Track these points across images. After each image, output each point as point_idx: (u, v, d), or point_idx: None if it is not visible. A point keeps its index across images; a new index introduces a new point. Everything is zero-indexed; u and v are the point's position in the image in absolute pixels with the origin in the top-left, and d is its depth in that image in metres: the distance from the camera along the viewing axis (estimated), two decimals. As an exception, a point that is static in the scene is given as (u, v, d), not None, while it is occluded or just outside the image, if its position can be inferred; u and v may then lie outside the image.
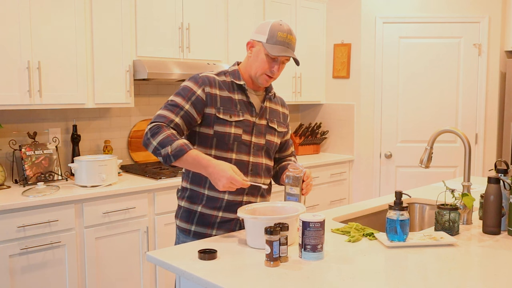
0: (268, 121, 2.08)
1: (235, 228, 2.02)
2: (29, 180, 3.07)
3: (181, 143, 1.82)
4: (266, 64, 1.96)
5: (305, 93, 4.56)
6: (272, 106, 2.13)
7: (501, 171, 2.01)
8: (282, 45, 1.94)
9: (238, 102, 2.00)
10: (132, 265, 3.11)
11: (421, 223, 2.66)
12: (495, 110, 4.40)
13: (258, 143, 2.04)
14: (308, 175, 2.01)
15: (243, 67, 2.06)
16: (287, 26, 1.97)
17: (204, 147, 1.99)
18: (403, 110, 4.43)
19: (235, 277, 1.51)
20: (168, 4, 3.49)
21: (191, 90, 1.95)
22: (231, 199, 1.99)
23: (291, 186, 1.98)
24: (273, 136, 2.10)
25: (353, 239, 1.86)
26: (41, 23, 2.92)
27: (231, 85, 2.02)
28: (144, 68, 3.25)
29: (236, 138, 1.97)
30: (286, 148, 2.26)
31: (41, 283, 2.74)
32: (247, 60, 2.04)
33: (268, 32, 1.94)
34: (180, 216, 2.07)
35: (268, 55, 1.94)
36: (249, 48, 2.02)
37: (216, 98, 1.96)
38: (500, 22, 4.34)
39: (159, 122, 1.87)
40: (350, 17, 4.50)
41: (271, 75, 2.00)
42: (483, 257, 1.73)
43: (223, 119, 1.95)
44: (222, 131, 1.95)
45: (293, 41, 1.98)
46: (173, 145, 1.81)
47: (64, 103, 3.05)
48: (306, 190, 1.99)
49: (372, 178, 4.52)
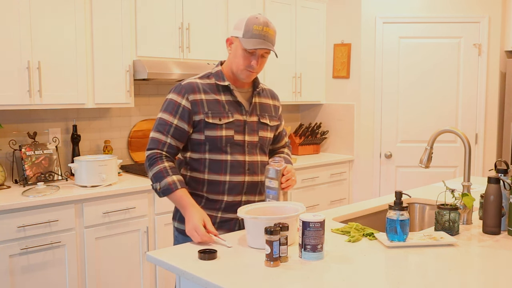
0: (260, 117, 2.06)
1: (234, 228, 2.02)
2: (29, 180, 3.07)
3: (170, 181, 1.90)
4: (244, 59, 1.94)
5: (305, 93, 4.56)
6: (262, 101, 2.10)
7: (501, 171, 2.01)
8: (258, 38, 1.90)
9: (225, 103, 1.98)
10: (132, 265, 3.11)
11: (421, 223, 2.66)
12: (495, 110, 4.40)
13: (251, 141, 2.02)
14: (289, 170, 1.97)
15: (226, 66, 2.03)
16: (264, 19, 1.94)
17: (198, 152, 2.00)
18: (403, 110, 4.43)
19: (235, 277, 1.51)
20: (168, 4, 3.49)
21: (176, 103, 1.96)
22: (230, 200, 1.99)
23: (270, 179, 1.95)
24: (266, 132, 2.08)
25: (353, 239, 1.86)
26: (41, 23, 2.92)
27: (215, 87, 2.00)
28: (144, 68, 3.25)
29: (228, 140, 1.97)
30: (280, 139, 2.24)
31: (41, 283, 2.74)
32: (228, 57, 2.02)
33: (244, 26, 1.91)
34: (178, 218, 2.06)
35: (245, 50, 1.92)
36: (228, 45, 2.00)
37: (203, 103, 1.95)
38: (500, 22, 4.33)
39: (153, 150, 1.96)
40: (350, 17, 4.50)
41: (251, 70, 1.96)
42: (483, 257, 1.73)
43: (213, 123, 1.95)
44: (213, 135, 1.95)
45: (271, 33, 1.94)
46: (162, 182, 1.90)
47: (64, 103, 3.05)
48: (286, 184, 1.96)
49: (372, 178, 4.52)
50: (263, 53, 1.95)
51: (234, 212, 1.97)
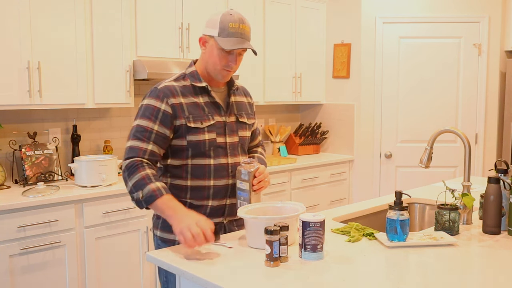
0: (238, 117, 2.00)
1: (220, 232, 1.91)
2: (29, 180, 3.07)
3: (154, 187, 1.75)
4: (221, 59, 1.87)
5: (305, 93, 4.56)
6: (237, 100, 2.04)
7: (501, 171, 2.01)
8: (236, 37, 1.84)
9: (204, 105, 1.91)
10: (132, 265, 3.11)
11: (421, 223, 2.66)
12: (495, 110, 4.40)
13: (232, 142, 1.97)
14: (261, 172, 1.90)
15: (200, 66, 1.95)
16: (238, 15, 1.86)
17: (179, 158, 1.91)
18: (403, 110, 4.43)
19: (235, 277, 1.51)
20: (168, 4, 3.49)
21: (155, 108, 1.84)
22: (215, 205, 1.93)
23: (241, 182, 1.91)
24: (245, 131, 2.03)
25: (353, 239, 1.86)
26: (41, 23, 2.92)
27: (192, 89, 1.91)
28: (144, 68, 3.25)
29: (211, 143, 1.89)
30: (254, 138, 2.17)
31: (41, 283, 2.74)
32: (203, 57, 1.94)
33: (218, 24, 1.83)
34: (161, 227, 1.96)
35: (222, 49, 1.84)
36: (202, 45, 1.91)
37: (183, 107, 1.86)
38: (500, 22, 4.33)
39: (133, 158, 1.80)
40: (350, 17, 4.50)
41: (229, 69, 1.90)
42: (483, 257, 1.73)
43: (195, 127, 1.87)
44: (196, 140, 1.87)
45: (247, 30, 1.87)
46: (145, 190, 1.75)
47: (64, 103, 3.05)
48: (257, 186, 1.89)
49: (372, 178, 4.52)
50: (241, 51, 1.90)
51: (219, 216, 1.93)
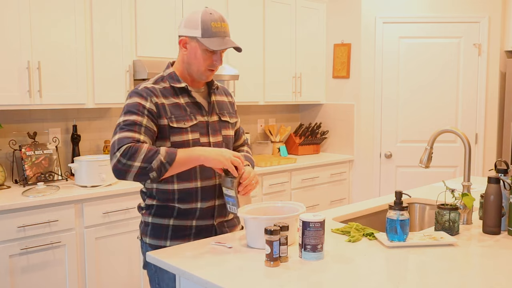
0: (220, 116, 1.99)
1: (211, 235, 1.93)
2: (29, 180, 3.07)
3: (166, 149, 1.74)
4: (206, 60, 1.86)
5: (305, 93, 4.56)
6: (218, 99, 2.02)
7: (501, 171, 2.01)
8: (219, 36, 1.83)
9: (186, 106, 1.89)
10: (132, 265, 3.11)
11: (421, 223, 2.66)
12: (495, 110, 4.40)
13: (216, 142, 1.95)
14: (246, 176, 1.85)
15: (179, 67, 1.93)
16: (217, 13, 1.85)
17: None
18: (403, 110, 4.43)
19: (235, 277, 1.51)
20: (168, 4, 3.49)
21: (140, 104, 1.80)
22: (204, 207, 1.90)
23: (227, 188, 1.87)
24: (228, 130, 2.02)
25: (353, 239, 1.86)
26: (41, 23, 2.92)
27: (172, 90, 1.89)
28: (144, 68, 3.26)
29: (195, 144, 1.87)
30: (238, 137, 2.16)
31: (41, 283, 2.74)
32: (183, 58, 1.91)
33: (200, 25, 1.82)
34: (149, 233, 1.91)
35: (207, 50, 1.84)
36: (182, 46, 1.88)
37: (165, 108, 1.84)
38: (500, 22, 4.33)
39: (128, 143, 1.72)
40: (350, 17, 4.50)
41: (214, 68, 1.89)
42: (483, 257, 1.73)
43: (178, 127, 1.84)
44: (179, 140, 1.84)
45: (228, 28, 1.87)
46: (161, 152, 1.72)
47: (64, 103, 3.05)
48: (244, 191, 1.85)
49: (372, 178, 4.52)
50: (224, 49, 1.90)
51: (209, 218, 1.91)
